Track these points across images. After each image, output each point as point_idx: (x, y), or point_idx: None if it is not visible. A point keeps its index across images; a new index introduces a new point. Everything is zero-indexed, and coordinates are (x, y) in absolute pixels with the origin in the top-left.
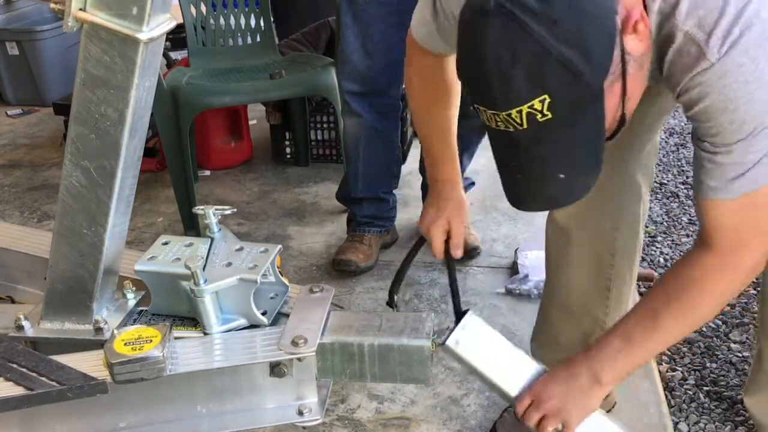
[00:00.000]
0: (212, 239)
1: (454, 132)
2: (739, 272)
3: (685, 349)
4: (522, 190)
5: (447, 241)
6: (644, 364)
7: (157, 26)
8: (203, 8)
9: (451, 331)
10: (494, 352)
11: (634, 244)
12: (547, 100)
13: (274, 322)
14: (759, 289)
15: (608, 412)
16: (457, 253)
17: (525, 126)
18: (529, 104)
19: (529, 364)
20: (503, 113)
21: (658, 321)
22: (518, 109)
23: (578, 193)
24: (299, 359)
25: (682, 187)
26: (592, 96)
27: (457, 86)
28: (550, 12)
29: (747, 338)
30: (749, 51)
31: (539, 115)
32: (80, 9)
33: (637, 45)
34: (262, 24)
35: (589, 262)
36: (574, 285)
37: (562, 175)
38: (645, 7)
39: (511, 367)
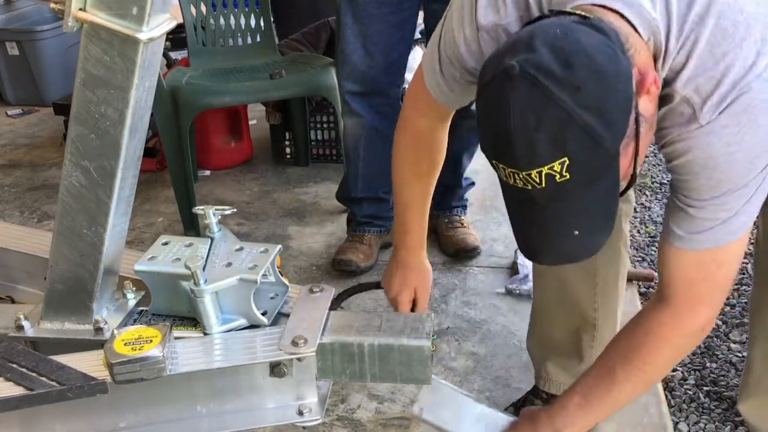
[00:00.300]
0: (212, 239)
1: (429, 201)
2: (694, 327)
3: None
4: (537, 244)
5: (413, 309)
6: (602, 420)
7: (157, 26)
8: (203, 8)
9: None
10: (459, 412)
11: (618, 236)
12: (567, 163)
13: (274, 322)
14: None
15: None
16: (425, 310)
17: (543, 185)
18: (549, 166)
19: (495, 418)
20: (523, 173)
21: (614, 379)
22: (538, 170)
23: (592, 250)
24: (299, 359)
25: None
26: (610, 159)
27: (443, 155)
28: (573, 78)
29: (747, 338)
30: (736, 115)
31: (558, 176)
32: (80, 9)
33: (648, 106)
34: (262, 24)
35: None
36: (562, 282)
37: (576, 232)
38: (656, 65)
39: (478, 424)
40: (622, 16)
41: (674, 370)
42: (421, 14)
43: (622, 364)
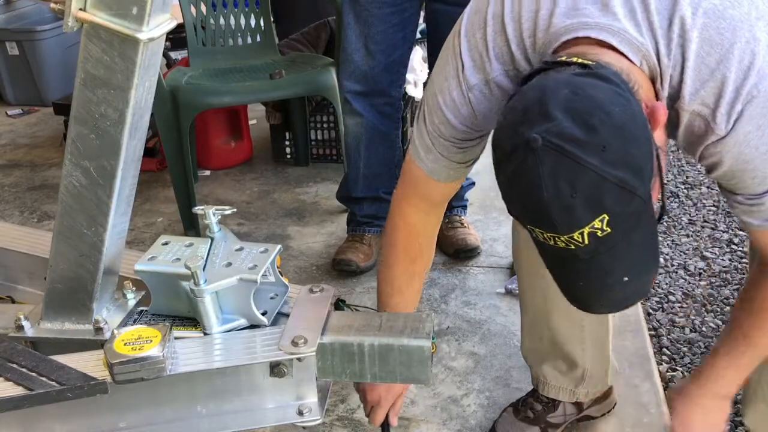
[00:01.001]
0: (212, 239)
1: (418, 301)
2: None
3: (685, 349)
4: (588, 297)
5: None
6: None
7: (157, 26)
8: (203, 8)
9: None
10: None
11: None
12: (607, 218)
13: (274, 322)
14: None
15: (609, 412)
16: (395, 420)
17: (587, 243)
18: (590, 225)
19: None
20: (564, 236)
21: (749, 341)
22: (580, 231)
23: (643, 291)
24: (299, 359)
25: (682, 186)
26: (644, 203)
27: (432, 252)
28: (597, 139)
29: None
30: (753, 120)
31: (600, 232)
32: (80, 9)
33: (660, 135)
34: (262, 24)
35: None
36: (550, 290)
37: (626, 278)
38: (656, 93)
39: None
40: (612, 47)
41: (674, 370)
42: (421, 14)
43: (755, 330)
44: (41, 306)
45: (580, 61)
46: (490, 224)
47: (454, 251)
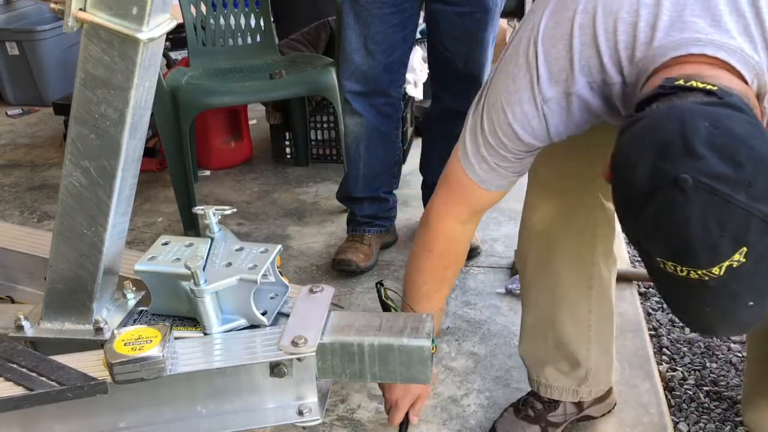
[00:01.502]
0: (212, 239)
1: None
2: None
3: (685, 349)
4: (711, 321)
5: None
6: None
7: (157, 26)
8: (203, 8)
9: None
10: None
11: (611, 239)
12: (745, 251)
13: (274, 322)
14: None
15: (609, 412)
16: (415, 419)
17: (722, 274)
18: (730, 258)
19: None
20: (702, 270)
21: None
22: (720, 265)
23: (763, 314)
24: (299, 359)
25: None
26: None
27: (465, 258)
28: (744, 176)
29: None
30: None
31: (735, 263)
32: (80, 9)
33: None
34: (262, 24)
35: (569, 263)
36: (558, 287)
37: (751, 303)
38: (761, 111)
39: None
40: (728, 67)
41: (674, 370)
42: (421, 14)
43: None
44: (41, 306)
45: (702, 86)
46: (490, 224)
47: None
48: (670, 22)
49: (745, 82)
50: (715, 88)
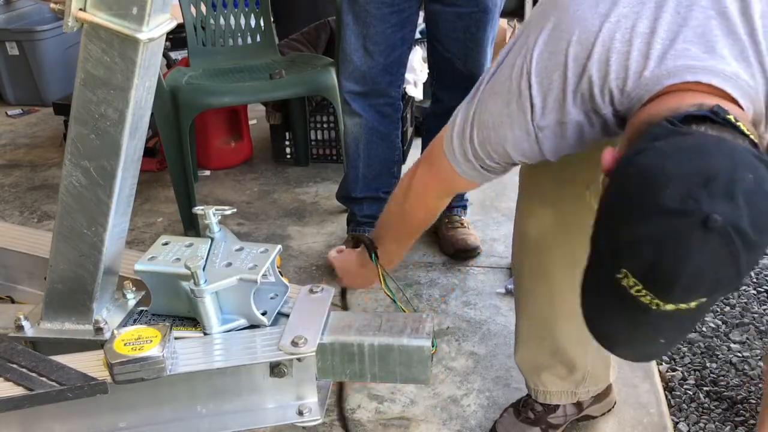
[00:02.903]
0: (212, 239)
1: None
2: None
3: (685, 349)
4: (620, 341)
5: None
6: None
7: (157, 26)
8: (203, 8)
9: None
10: None
11: None
12: (703, 301)
13: (274, 322)
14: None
15: (608, 411)
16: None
17: (668, 311)
18: (688, 304)
19: None
20: (659, 301)
21: None
22: (677, 304)
23: (664, 353)
24: (299, 359)
25: None
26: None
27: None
28: (759, 242)
29: (747, 338)
30: None
31: (686, 307)
32: (80, 9)
33: None
34: (262, 24)
35: (565, 268)
36: (555, 294)
37: (663, 341)
38: (758, 131)
39: None
40: (724, 95)
41: (674, 370)
42: (421, 14)
43: None
44: (41, 306)
45: (746, 132)
46: (490, 224)
47: (454, 251)
48: (663, 51)
49: (742, 108)
50: (756, 141)
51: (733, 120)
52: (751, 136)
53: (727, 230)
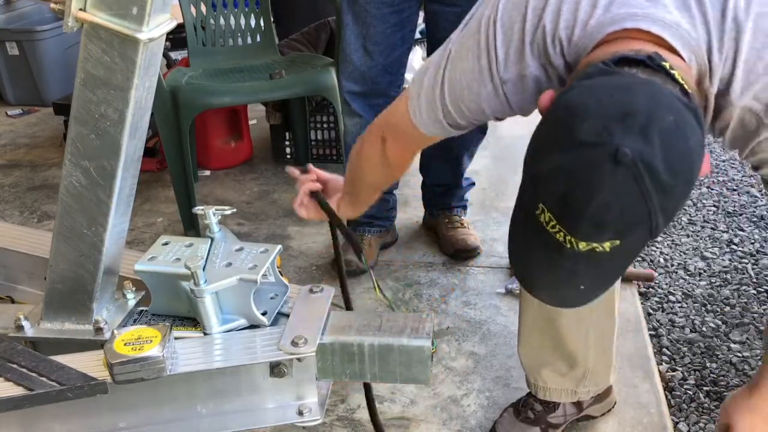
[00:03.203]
0: (212, 239)
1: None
2: None
3: (685, 349)
4: (539, 281)
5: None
6: None
7: (157, 26)
8: (203, 8)
9: None
10: None
11: None
12: (617, 244)
13: (274, 322)
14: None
15: (608, 411)
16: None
17: (581, 250)
18: (600, 243)
19: None
20: (572, 238)
21: None
22: (589, 243)
23: (585, 302)
24: (299, 359)
25: None
26: (648, 244)
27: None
28: (671, 186)
29: (747, 338)
30: None
31: (599, 248)
32: (80, 9)
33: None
34: (262, 24)
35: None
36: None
37: (582, 287)
38: (703, 92)
39: None
40: (664, 43)
41: (674, 370)
42: (420, 14)
43: None
44: (41, 306)
45: (681, 82)
46: (490, 224)
47: (454, 251)
48: (610, 0)
49: (683, 60)
50: (690, 90)
51: (668, 67)
52: (685, 86)
53: (637, 166)
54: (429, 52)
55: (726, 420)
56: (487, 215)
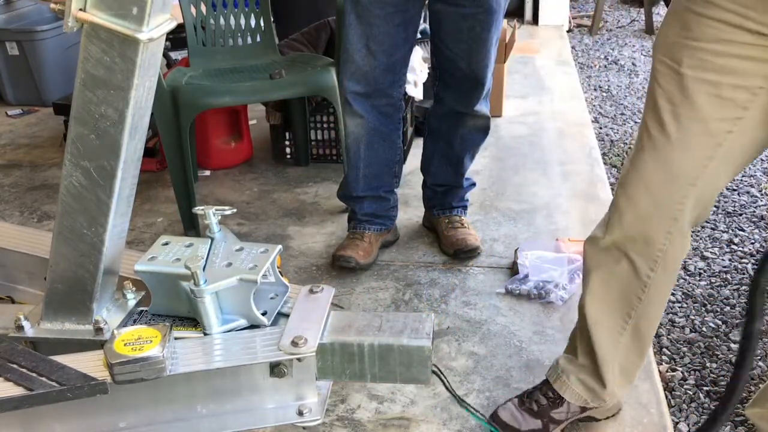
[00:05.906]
0: (212, 239)
1: None
2: None
3: (685, 349)
4: None
5: None
6: None
7: (157, 26)
8: (203, 8)
9: None
10: None
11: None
12: None
13: (274, 323)
14: None
15: (613, 416)
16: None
17: None
18: None
19: None
20: None
21: None
22: None
23: None
24: (299, 359)
25: None
26: None
27: None
28: None
29: None
30: None
31: None
32: (80, 9)
33: None
34: (262, 24)
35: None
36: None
37: None
38: None
39: None
40: None
41: (674, 370)
42: (421, 15)
43: None
44: (41, 306)
45: None
46: (490, 224)
47: (454, 251)
48: None
49: None
50: None
51: None
52: None
53: None
54: (432, 53)
55: None
56: (487, 215)
